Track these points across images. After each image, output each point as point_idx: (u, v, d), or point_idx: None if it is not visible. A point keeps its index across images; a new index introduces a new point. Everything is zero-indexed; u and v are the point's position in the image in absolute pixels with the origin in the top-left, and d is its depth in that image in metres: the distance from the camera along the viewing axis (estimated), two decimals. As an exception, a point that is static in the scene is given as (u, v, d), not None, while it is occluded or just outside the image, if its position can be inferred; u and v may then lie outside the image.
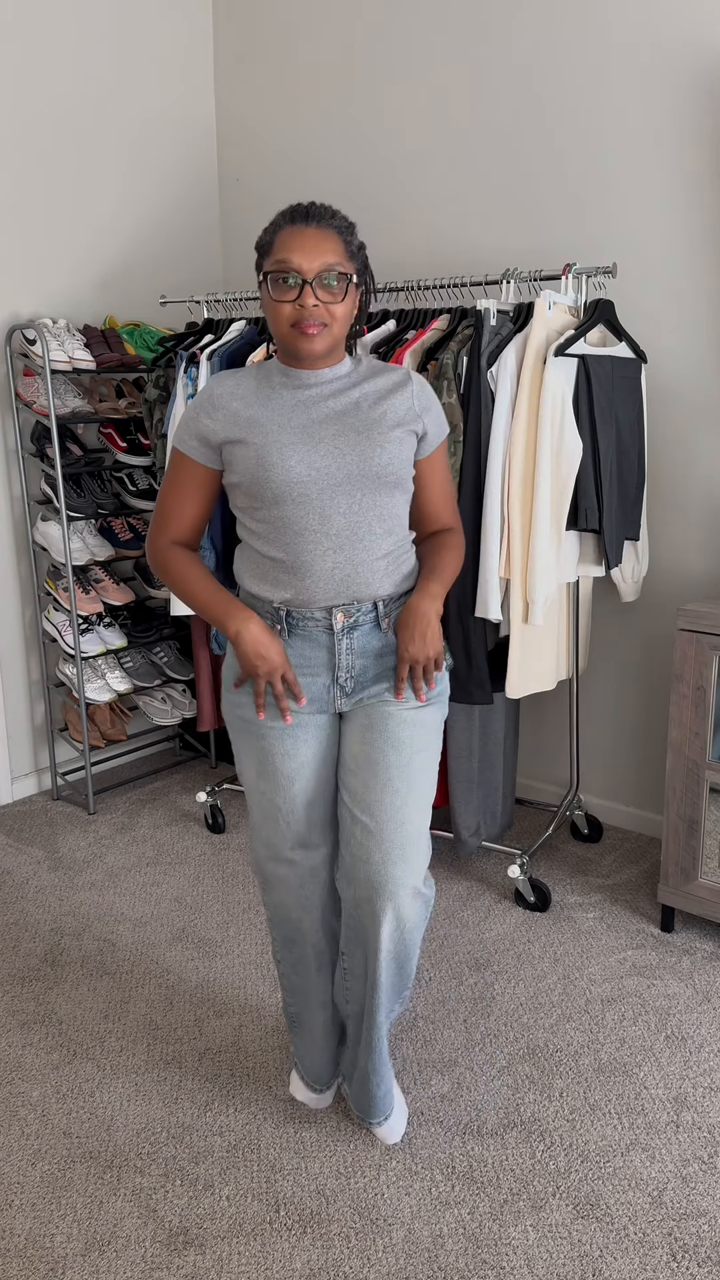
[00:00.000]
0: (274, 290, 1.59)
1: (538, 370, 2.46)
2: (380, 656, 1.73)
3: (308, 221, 1.59)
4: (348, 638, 1.70)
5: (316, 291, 1.57)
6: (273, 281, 1.59)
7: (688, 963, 2.49)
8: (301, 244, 1.57)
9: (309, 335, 1.59)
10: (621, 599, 2.95)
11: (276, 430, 1.64)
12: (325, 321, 1.59)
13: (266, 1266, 1.68)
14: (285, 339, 1.62)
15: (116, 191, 3.54)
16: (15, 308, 3.30)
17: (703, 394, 2.82)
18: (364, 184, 3.42)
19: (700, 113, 2.69)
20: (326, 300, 1.58)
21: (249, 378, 1.70)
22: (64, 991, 2.43)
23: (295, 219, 1.59)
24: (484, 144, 3.10)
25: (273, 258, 1.59)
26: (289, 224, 1.59)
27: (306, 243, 1.57)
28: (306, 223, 1.58)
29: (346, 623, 1.70)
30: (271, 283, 1.59)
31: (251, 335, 2.96)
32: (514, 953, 2.54)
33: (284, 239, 1.58)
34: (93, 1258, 1.71)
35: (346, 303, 1.62)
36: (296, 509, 1.63)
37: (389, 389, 1.70)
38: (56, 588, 3.33)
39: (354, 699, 1.75)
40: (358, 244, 1.64)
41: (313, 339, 1.60)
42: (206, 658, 3.24)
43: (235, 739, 1.80)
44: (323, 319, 1.59)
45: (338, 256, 1.58)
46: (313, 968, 1.92)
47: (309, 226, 1.58)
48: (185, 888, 2.90)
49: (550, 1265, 1.68)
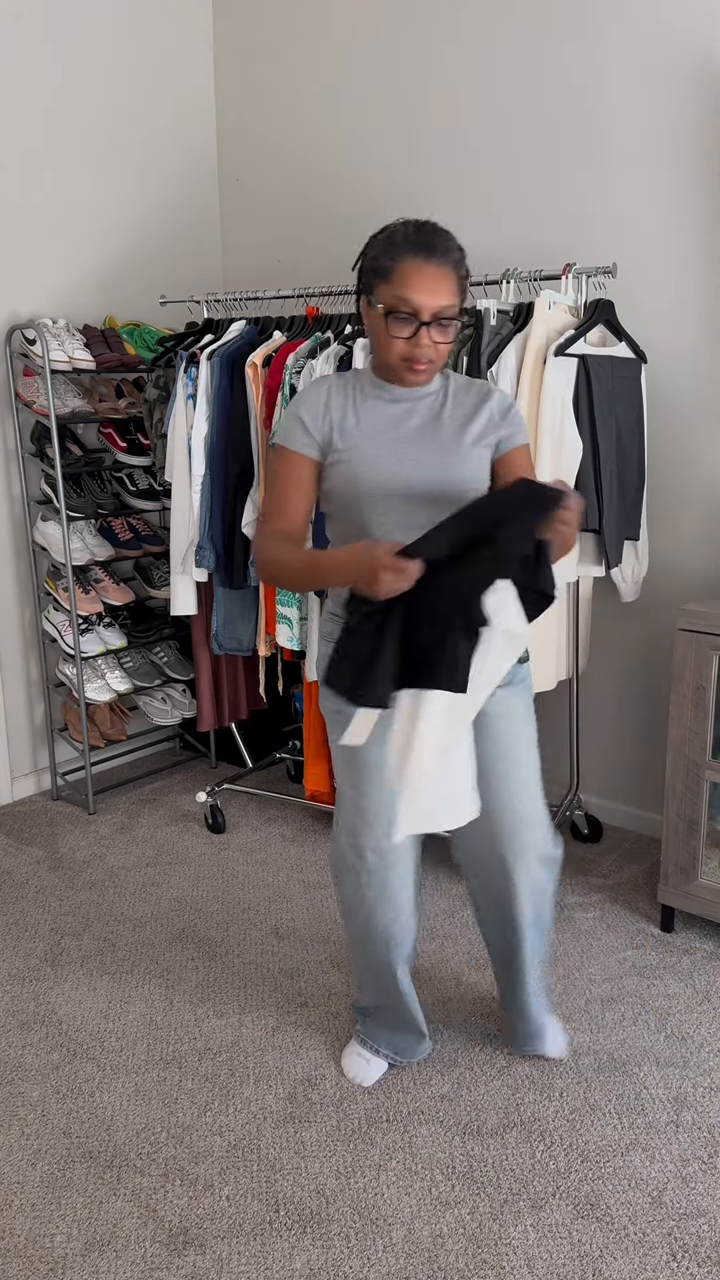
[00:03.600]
0: (390, 325, 1.63)
1: (538, 370, 2.46)
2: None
3: (430, 257, 1.60)
4: None
5: (432, 333, 1.63)
6: (390, 316, 1.63)
7: (688, 963, 2.49)
8: (423, 283, 1.59)
9: (418, 371, 1.67)
10: (621, 599, 2.95)
11: (366, 442, 1.72)
12: (434, 359, 1.66)
13: (266, 1266, 1.68)
14: (394, 369, 1.69)
15: (116, 191, 3.53)
16: (15, 308, 3.30)
17: (703, 394, 2.82)
18: (364, 184, 3.42)
19: (700, 113, 2.69)
20: (439, 341, 1.65)
21: (345, 385, 1.78)
22: (64, 991, 2.43)
23: (419, 251, 1.60)
24: (484, 144, 3.10)
25: (392, 290, 1.61)
26: (413, 255, 1.60)
27: (427, 282, 1.59)
28: (430, 258, 1.60)
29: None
30: (389, 317, 1.63)
31: (251, 335, 2.96)
32: (514, 953, 2.55)
33: (406, 273, 1.60)
34: (93, 1258, 1.71)
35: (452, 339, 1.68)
36: (381, 518, 1.72)
37: (473, 406, 1.76)
38: (56, 588, 3.33)
39: None
40: (464, 274, 1.66)
41: (420, 374, 1.68)
42: (206, 658, 3.24)
43: (330, 731, 1.91)
44: (431, 357, 1.66)
45: (451, 297, 1.62)
46: (391, 960, 1.99)
47: (431, 264, 1.60)
48: (185, 888, 2.90)
49: (550, 1265, 1.68)
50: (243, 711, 3.46)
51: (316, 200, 3.56)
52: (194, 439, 2.89)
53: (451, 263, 1.62)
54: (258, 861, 3.04)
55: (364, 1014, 2.13)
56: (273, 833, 3.23)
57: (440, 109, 3.18)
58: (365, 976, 2.06)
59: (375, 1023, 2.12)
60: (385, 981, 2.03)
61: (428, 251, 1.60)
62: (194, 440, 2.89)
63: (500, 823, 1.89)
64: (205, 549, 2.95)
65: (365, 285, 1.68)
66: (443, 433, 1.73)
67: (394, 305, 1.61)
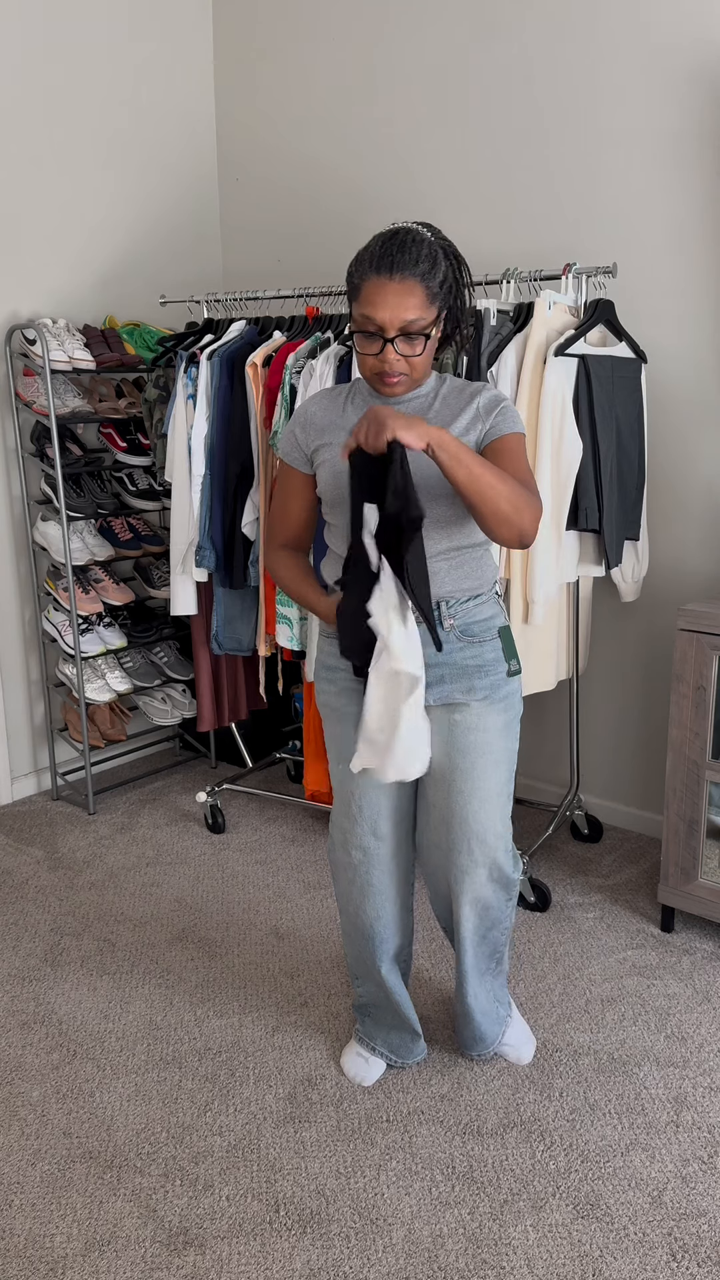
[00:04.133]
0: (358, 342, 1.68)
1: (538, 370, 2.46)
2: (445, 656, 1.82)
3: (391, 273, 1.62)
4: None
5: (397, 346, 1.65)
6: (357, 332, 1.67)
7: (688, 963, 2.49)
8: (384, 299, 1.62)
9: (390, 384, 1.70)
10: (621, 599, 2.95)
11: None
12: (405, 371, 1.69)
13: (266, 1266, 1.68)
14: (369, 382, 1.74)
15: (116, 191, 3.54)
16: (15, 308, 3.30)
17: (703, 394, 2.82)
18: (364, 184, 3.42)
19: (700, 112, 2.69)
20: (406, 354, 1.67)
21: (340, 394, 1.84)
22: (64, 991, 2.43)
23: (380, 268, 1.62)
24: (484, 144, 3.10)
25: (360, 308, 1.65)
26: (375, 273, 1.63)
27: (388, 299, 1.62)
28: (390, 275, 1.62)
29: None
30: (356, 333, 1.68)
31: (252, 335, 2.96)
32: (514, 953, 2.54)
33: (369, 291, 1.63)
34: (93, 1258, 1.71)
35: (427, 349, 1.69)
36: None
37: (460, 404, 1.77)
38: (56, 588, 3.33)
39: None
40: (440, 279, 1.66)
41: (393, 386, 1.71)
42: (206, 658, 3.24)
43: (325, 728, 1.96)
44: (402, 370, 1.68)
45: (418, 311, 1.63)
46: (375, 957, 2.02)
47: (391, 280, 1.62)
48: (185, 888, 2.90)
49: (550, 1265, 1.68)
50: (243, 711, 3.46)
51: (316, 200, 3.56)
52: (194, 439, 2.89)
53: (418, 275, 1.63)
54: (258, 861, 3.04)
55: (362, 1012, 2.14)
56: (273, 833, 3.23)
57: (440, 109, 3.18)
58: (357, 970, 2.09)
59: (373, 1022, 2.12)
60: (374, 977, 2.05)
61: (389, 268, 1.62)
62: (194, 440, 2.89)
63: (455, 834, 1.89)
64: (205, 549, 2.94)
65: (348, 302, 1.74)
66: None
67: (361, 323, 1.66)
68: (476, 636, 1.82)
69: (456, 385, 1.80)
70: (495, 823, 1.89)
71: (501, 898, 1.97)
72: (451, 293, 1.70)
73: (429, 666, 1.82)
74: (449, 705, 1.85)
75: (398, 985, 2.06)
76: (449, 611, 1.80)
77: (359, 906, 1.99)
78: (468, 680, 1.83)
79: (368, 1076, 2.10)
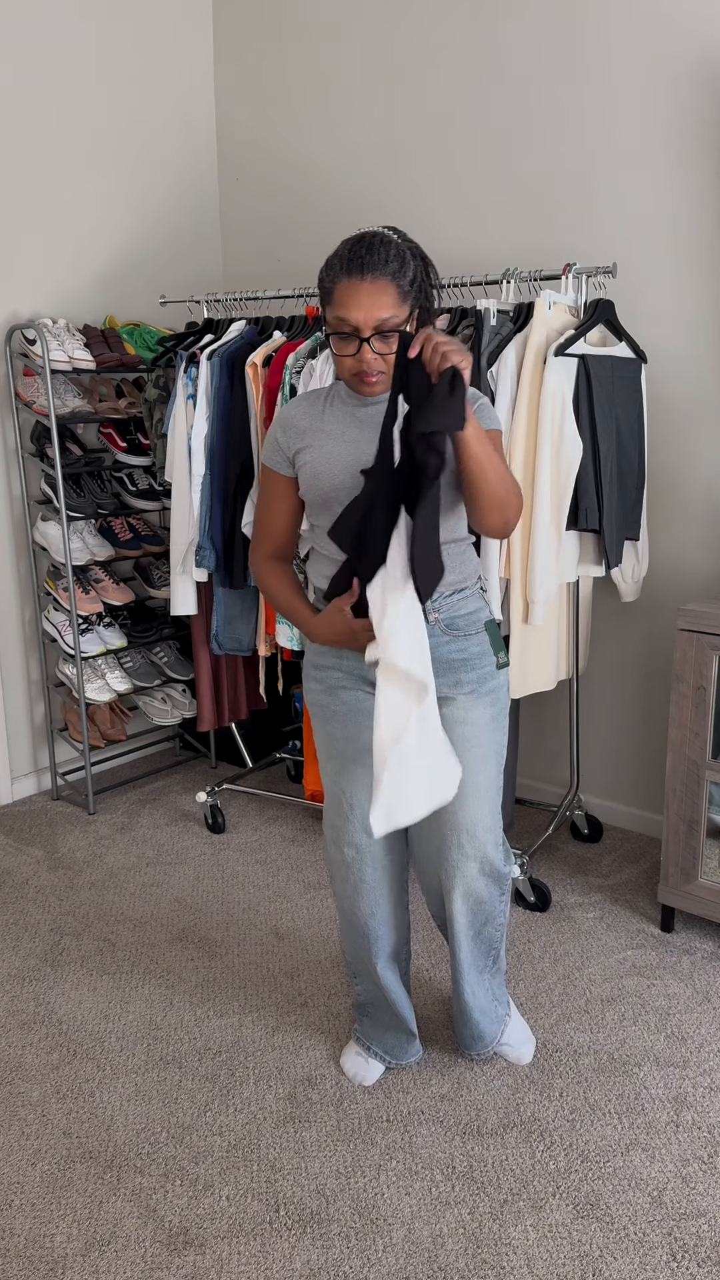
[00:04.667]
0: (335, 343, 1.70)
1: (538, 370, 2.46)
2: (433, 648, 1.83)
3: (363, 274, 1.64)
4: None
5: (373, 345, 1.68)
6: (333, 335, 1.69)
7: (688, 963, 2.49)
8: (356, 300, 1.64)
9: (369, 383, 1.72)
10: (621, 599, 2.95)
11: (329, 442, 1.79)
12: (383, 370, 1.71)
13: (266, 1266, 1.68)
14: (348, 384, 1.75)
15: (116, 191, 3.54)
16: (15, 308, 3.30)
17: (703, 394, 2.82)
18: (364, 184, 3.42)
19: (701, 112, 2.69)
20: (383, 352, 1.69)
21: (320, 398, 1.86)
22: (64, 991, 2.43)
23: (351, 270, 1.65)
24: (484, 144, 3.10)
25: (333, 311, 1.67)
26: (346, 275, 1.65)
27: (361, 299, 1.64)
28: (362, 275, 1.64)
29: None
30: (332, 336, 1.70)
31: (252, 335, 2.96)
32: (514, 953, 2.54)
33: (341, 294, 1.66)
34: (93, 1258, 1.71)
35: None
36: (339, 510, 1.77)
37: None
38: (56, 588, 3.33)
39: None
40: (411, 278, 1.69)
41: (372, 385, 1.73)
42: (206, 658, 3.24)
43: (313, 725, 1.97)
44: (380, 369, 1.70)
45: (391, 309, 1.66)
46: (370, 955, 2.02)
47: (364, 280, 1.64)
48: (185, 888, 2.90)
49: (550, 1265, 1.68)
50: (243, 711, 3.46)
51: (316, 200, 3.56)
52: (194, 439, 2.89)
53: (388, 275, 1.65)
54: (258, 861, 3.04)
55: (361, 1012, 2.14)
56: (273, 833, 3.23)
57: (440, 108, 3.18)
58: (355, 968, 2.09)
59: (371, 1021, 2.13)
60: (371, 975, 2.06)
61: (360, 269, 1.64)
62: (194, 440, 2.89)
63: (446, 828, 1.90)
64: (205, 549, 2.94)
65: (321, 307, 1.74)
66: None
67: (336, 326, 1.68)
68: (462, 630, 1.85)
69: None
70: (485, 816, 1.90)
71: (494, 892, 1.97)
72: (421, 291, 1.73)
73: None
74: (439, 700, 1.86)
75: (394, 983, 2.06)
76: (433, 605, 1.81)
77: (354, 904, 1.99)
78: (455, 674, 1.84)
79: (368, 1076, 2.10)
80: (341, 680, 1.88)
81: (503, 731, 1.92)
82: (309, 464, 1.80)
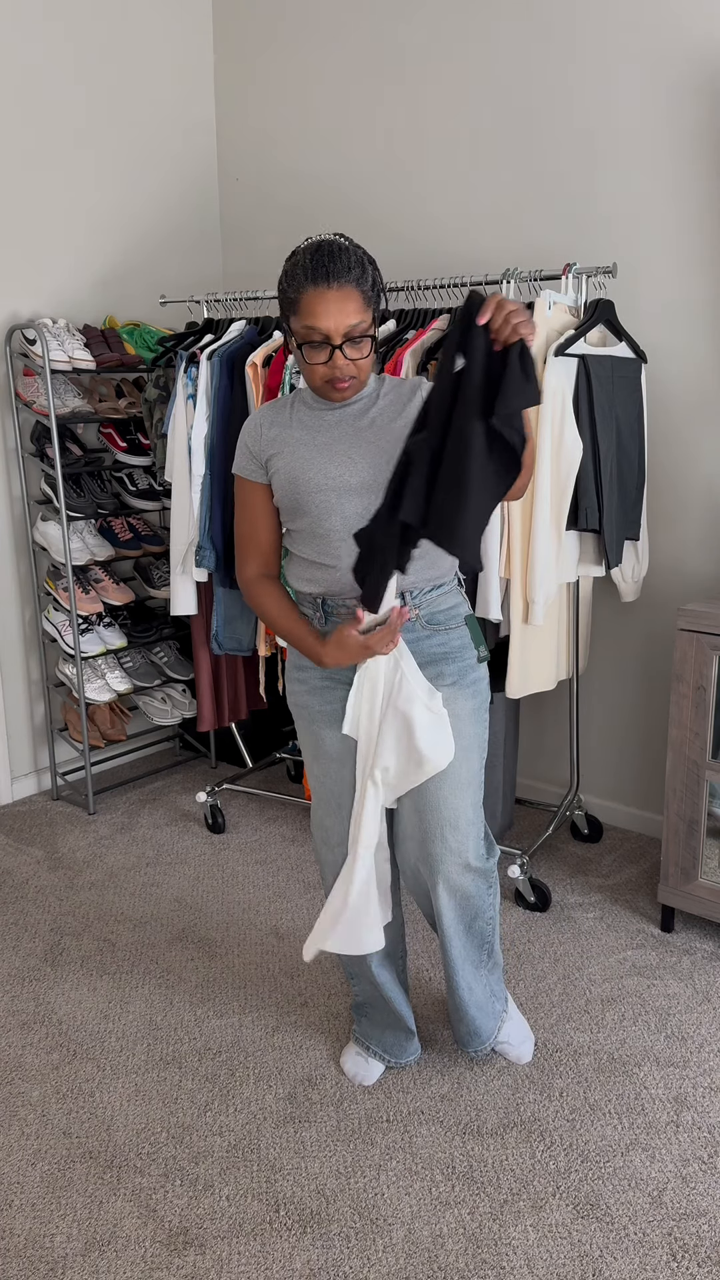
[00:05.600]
0: (306, 353, 1.71)
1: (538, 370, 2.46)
2: (412, 646, 1.84)
3: (329, 282, 1.65)
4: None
5: (346, 352, 1.69)
6: (304, 345, 1.70)
7: (688, 963, 2.49)
8: (325, 309, 1.66)
9: (341, 389, 1.74)
10: (621, 599, 2.95)
11: (299, 448, 1.80)
12: (354, 375, 1.73)
13: (266, 1266, 1.68)
14: (319, 391, 1.76)
15: (116, 191, 3.54)
16: (15, 308, 3.30)
17: (703, 394, 2.82)
18: (364, 184, 3.42)
19: (700, 112, 2.69)
20: (354, 357, 1.71)
21: (283, 405, 1.87)
22: (64, 991, 2.43)
23: (317, 279, 1.65)
24: (484, 143, 3.10)
25: (300, 320, 1.68)
26: (312, 284, 1.66)
27: (330, 307, 1.65)
28: (328, 284, 1.65)
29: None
30: (303, 346, 1.70)
31: (251, 335, 2.96)
32: (514, 953, 2.54)
33: (309, 303, 1.66)
34: (93, 1258, 1.71)
35: (370, 351, 1.73)
36: (319, 514, 1.79)
37: (402, 402, 1.81)
38: (56, 588, 3.33)
39: None
40: (371, 283, 1.71)
41: (345, 391, 1.75)
42: (206, 658, 3.24)
43: (297, 726, 1.98)
44: (352, 374, 1.72)
45: (359, 315, 1.68)
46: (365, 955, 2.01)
47: (330, 288, 1.65)
48: (185, 888, 2.90)
49: (550, 1265, 1.68)
50: (243, 711, 3.46)
51: (317, 200, 3.56)
52: (194, 439, 2.89)
53: (352, 280, 1.66)
54: (258, 861, 3.04)
55: (359, 1012, 2.14)
56: (273, 833, 3.23)
57: (440, 108, 3.18)
58: (351, 968, 2.09)
59: (369, 1021, 2.13)
60: (367, 975, 2.06)
61: (326, 278, 1.65)
62: (194, 440, 2.89)
63: (427, 823, 1.89)
64: (205, 549, 2.94)
65: (283, 318, 1.75)
66: (371, 428, 1.79)
67: (305, 335, 1.69)
68: (443, 625, 1.86)
69: (394, 383, 1.85)
70: (467, 809, 1.90)
71: (480, 886, 1.96)
72: (379, 296, 1.75)
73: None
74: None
75: (390, 982, 2.06)
76: (414, 601, 1.83)
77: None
78: (436, 667, 1.86)
79: (368, 1076, 2.10)
80: (324, 681, 1.89)
81: (484, 724, 1.93)
82: (282, 470, 1.81)
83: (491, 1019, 2.10)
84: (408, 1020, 2.10)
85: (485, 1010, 2.08)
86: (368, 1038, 2.13)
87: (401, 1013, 2.08)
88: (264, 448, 1.84)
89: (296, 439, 1.81)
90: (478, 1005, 2.06)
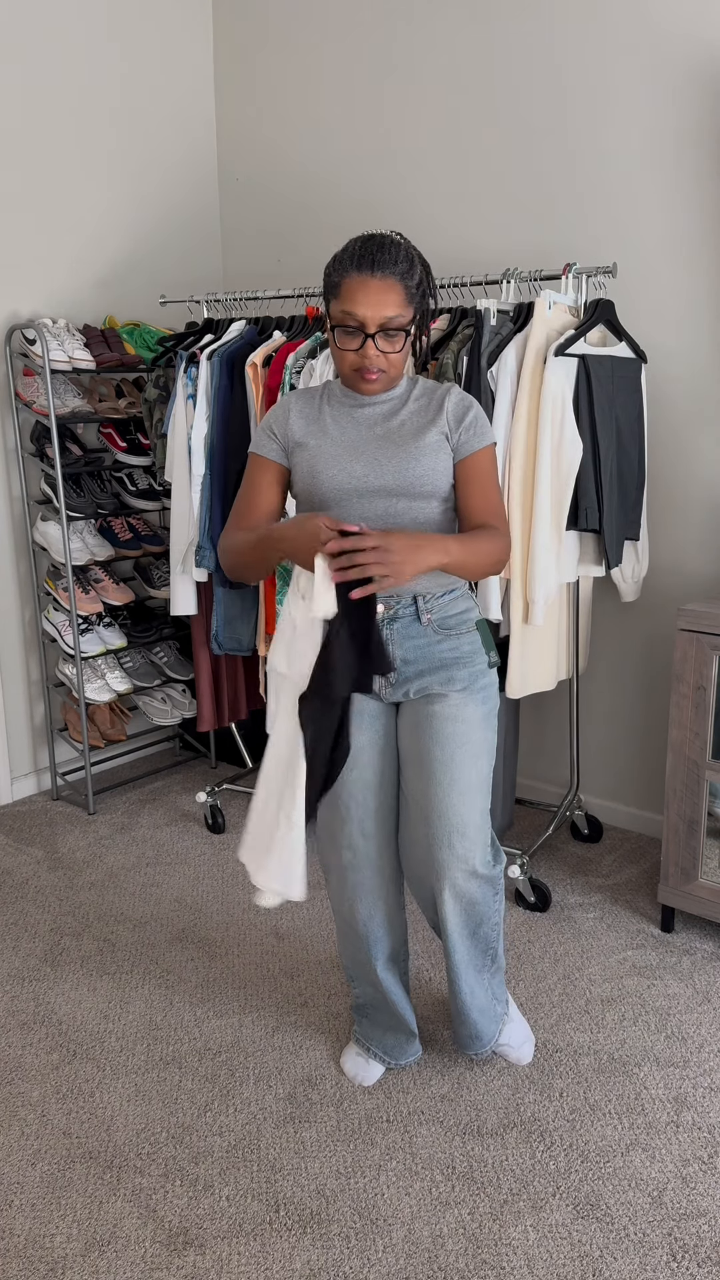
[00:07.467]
0: (339, 338, 1.71)
1: (538, 370, 2.46)
2: (423, 650, 1.85)
3: (373, 271, 1.66)
4: (389, 628, 1.84)
5: (378, 343, 1.70)
6: (337, 328, 1.71)
7: (688, 963, 2.49)
8: (365, 297, 1.67)
9: (369, 380, 1.75)
10: (621, 599, 2.95)
11: (328, 443, 1.80)
12: (384, 368, 1.74)
13: (266, 1266, 1.68)
14: (348, 379, 1.78)
15: (116, 191, 3.54)
16: (15, 308, 3.30)
17: (703, 394, 2.82)
18: (364, 184, 3.42)
19: (700, 113, 2.69)
20: (386, 350, 1.72)
21: (312, 395, 1.88)
22: (64, 991, 2.43)
23: (362, 266, 1.67)
24: (484, 144, 3.10)
25: (340, 305, 1.69)
26: (357, 271, 1.67)
27: (370, 296, 1.67)
28: (372, 272, 1.66)
29: (387, 614, 1.84)
30: (336, 330, 1.71)
31: (251, 335, 2.96)
32: (514, 953, 2.54)
33: (350, 288, 1.67)
34: (93, 1258, 1.71)
35: (405, 348, 1.74)
36: (338, 512, 1.79)
37: (430, 408, 1.82)
38: (56, 588, 3.33)
39: (400, 690, 1.88)
40: (417, 282, 1.72)
41: (372, 383, 1.76)
42: (206, 658, 3.24)
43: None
44: (382, 366, 1.73)
45: (398, 308, 1.68)
46: (370, 957, 2.02)
47: (374, 278, 1.66)
48: (185, 888, 2.90)
49: (550, 1265, 1.68)
50: (243, 711, 3.46)
51: (316, 200, 3.56)
52: (194, 439, 2.89)
53: (397, 274, 1.67)
54: (258, 861, 3.04)
55: (360, 1013, 2.14)
56: (273, 833, 3.23)
57: (440, 108, 3.18)
58: (353, 971, 2.09)
59: (370, 1022, 2.13)
60: (369, 976, 2.06)
61: (371, 266, 1.66)
62: (194, 440, 2.89)
63: (434, 829, 1.87)
64: (205, 549, 2.94)
65: (324, 301, 1.76)
66: (398, 433, 1.80)
67: (341, 319, 1.69)
68: (454, 629, 1.86)
69: (427, 387, 1.85)
70: (474, 815, 1.88)
71: (486, 893, 1.95)
72: (425, 296, 1.75)
73: (406, 663, 1.85)
74: (427, 696, 1.86)
75: (394, 985, 2.06)
76: (425, 606, 1.83)
77: (352, 907, 1.99)
78: (446, 671, 1.85)
79: (368, 1077, 2.10)
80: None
81: (493, 730, 1.92)
82: (305, 461, 1.81)
83: (493, 1022, 2.10)
84: (410, 1022, 2.10)
85: (487, 1013, 2.08)
86: (368, 1039, 2.13)
87: (404, 1015, 2.08)
88: (291, 432, 1.84)
89: (325, 433, 1.82)
90: (480, 1009, 2.06)
